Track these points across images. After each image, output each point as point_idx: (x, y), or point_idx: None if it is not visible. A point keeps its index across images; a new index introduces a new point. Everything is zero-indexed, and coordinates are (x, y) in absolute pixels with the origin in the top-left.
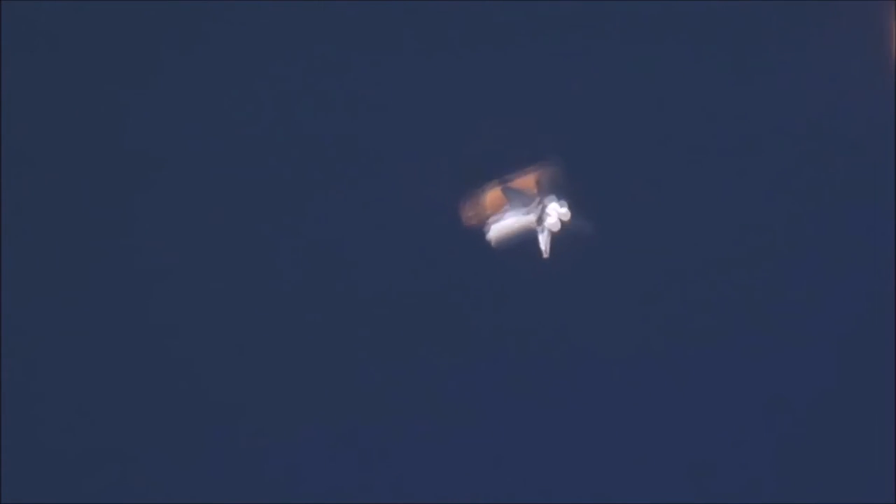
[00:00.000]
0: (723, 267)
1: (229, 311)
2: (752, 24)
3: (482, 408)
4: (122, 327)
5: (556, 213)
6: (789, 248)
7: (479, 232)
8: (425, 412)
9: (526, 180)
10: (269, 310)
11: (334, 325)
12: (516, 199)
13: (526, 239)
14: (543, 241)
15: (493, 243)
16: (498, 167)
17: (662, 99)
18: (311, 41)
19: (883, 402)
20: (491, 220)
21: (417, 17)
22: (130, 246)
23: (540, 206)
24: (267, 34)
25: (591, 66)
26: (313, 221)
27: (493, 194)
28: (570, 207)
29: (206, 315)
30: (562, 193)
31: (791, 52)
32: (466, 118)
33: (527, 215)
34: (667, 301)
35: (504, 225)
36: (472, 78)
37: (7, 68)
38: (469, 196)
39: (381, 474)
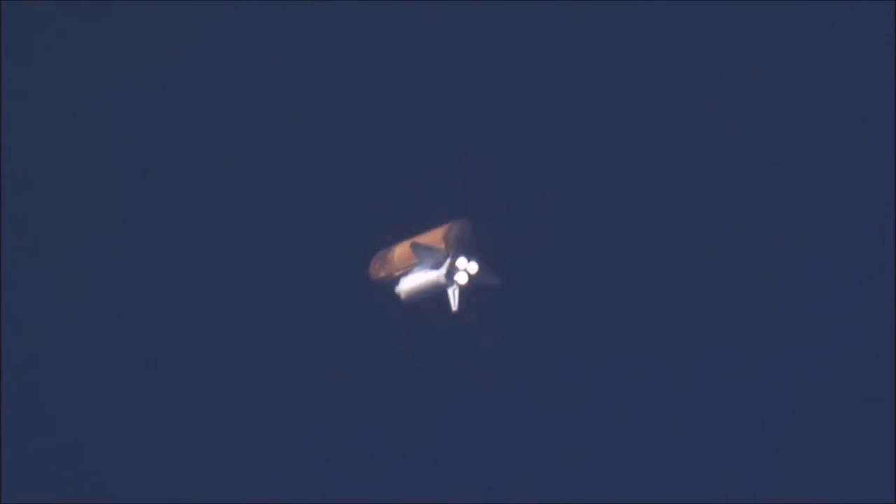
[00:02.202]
0: (640, 315)
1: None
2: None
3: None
4: (121, 329)
5: (465, 268)
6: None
7: (389, 286)
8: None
9: (434, 236)
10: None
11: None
12: (425, 254)
13: (435, 294)
14: (452, 296)
15: (402, 297)
16: (406, 223)
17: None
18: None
19: (883, 403)
20: (400, 275)
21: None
22: (130, 246)
23: (448, 262)
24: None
25: (500, 123)
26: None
27: (401, 250)
28: (479, 263)
29: (199, 315)
30: (470, 249)
31: (789, 53)
32: (376, 176)
33: (436, 270)
34: (581, 349)
35: (413, 280)
36: (388, 137)
37: (7, 68)
38: (378, 252)
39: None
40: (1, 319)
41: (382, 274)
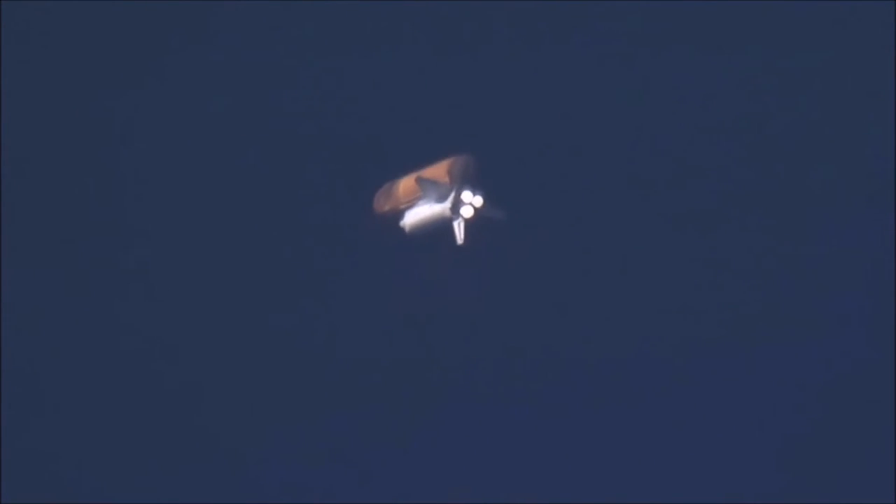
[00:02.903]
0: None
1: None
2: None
3: (394, 395)
4: (121, 330)
5: (470, 201)
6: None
7: (394, 220)
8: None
9: (438, 170)
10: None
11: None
12: (430, 188)
13: (440, 226)
14: (458, 229)
15: (407, 230)
16: (411, 157)
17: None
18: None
19: (883, 403)
20: (405, 208)
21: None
22: (127, 245)
23: (454, 195)
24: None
25: (506, 62)
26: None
27: (406, 184)
28: (483, 196)
29: (198, 314)
30: (474, 182)
31: (790, 52)
32: (383, 110)
33: (440, 204)
34: (581, 285)
35: (418, 213)
36: (390, 71)
37: (7, 68)
38: (383, 186)
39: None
40: (1, 319)
41: (387, 207)
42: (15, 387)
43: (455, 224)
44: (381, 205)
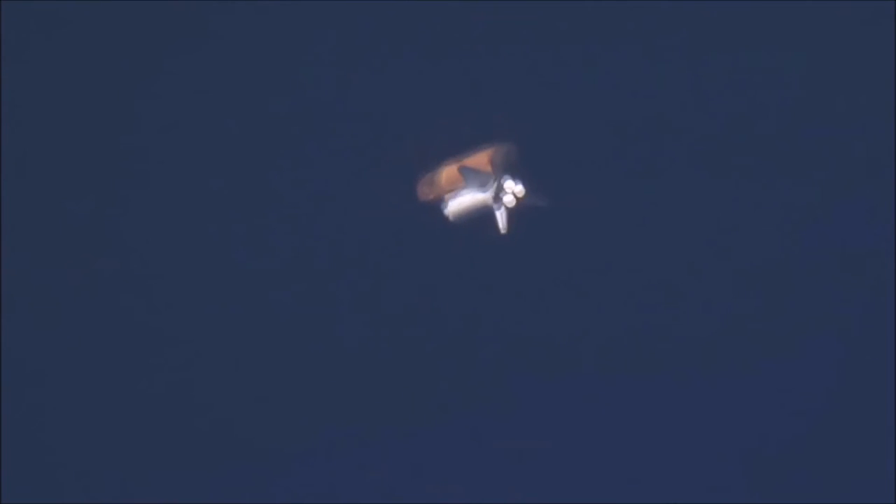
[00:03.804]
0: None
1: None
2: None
3: (438, 388)
4: (121, 329)
5: (512, 190)
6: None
7: (437, 208)
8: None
9: (480, 159)
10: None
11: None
12: (472, 176)
13: (483, 215)
14: (500, 218)
15: (450, 219)
16: (453, 146)
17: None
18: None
19: (883, 405)
20: (448, 196)
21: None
22: (126, 243)
23: (496, 184)
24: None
25: (541, 53)
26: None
27: (448, 172)
28: (525, 184)
29: (199, 309)
30: (516, 171)
31: (789, 51)
32: (423, 100)
33: (483, 192)
34: (620, 275)
35: (461, 201)
36: (430, 63)
37: (7, 68)
38: (426, 174)
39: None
40: (1, 319)
41: (431, 196)
42: (15, 387)
43: (498, 212)
44: (425, 193)
